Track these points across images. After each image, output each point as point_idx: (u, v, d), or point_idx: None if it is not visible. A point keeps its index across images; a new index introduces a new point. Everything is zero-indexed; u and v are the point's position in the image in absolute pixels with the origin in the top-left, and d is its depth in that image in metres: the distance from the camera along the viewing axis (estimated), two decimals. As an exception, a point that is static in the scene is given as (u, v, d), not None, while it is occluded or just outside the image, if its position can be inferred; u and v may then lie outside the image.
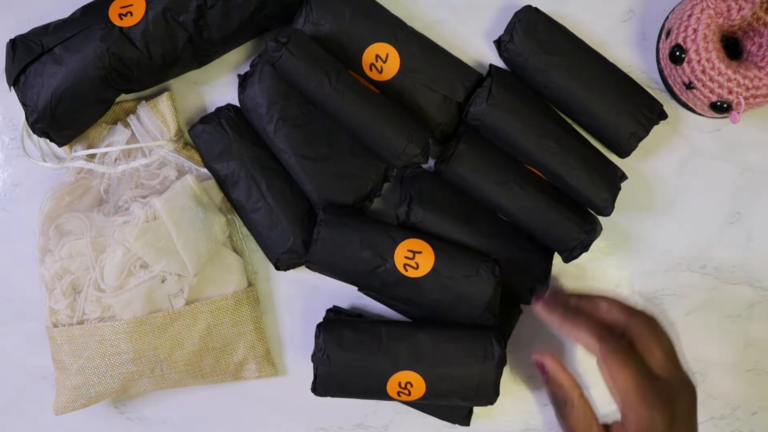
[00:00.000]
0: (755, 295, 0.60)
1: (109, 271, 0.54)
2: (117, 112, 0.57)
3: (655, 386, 0.44)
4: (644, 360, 0.45)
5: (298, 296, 0.59)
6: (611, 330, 0.46)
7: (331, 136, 0.55)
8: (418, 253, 0.53)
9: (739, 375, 0.60)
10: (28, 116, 0.52)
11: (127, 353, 0.54)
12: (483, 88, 0.54)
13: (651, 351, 0.45)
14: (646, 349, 0.45)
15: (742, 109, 0.52)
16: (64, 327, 0.55)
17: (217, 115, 0.56)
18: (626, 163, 0.57)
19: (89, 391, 0.55)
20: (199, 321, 0.56)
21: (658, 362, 0.45)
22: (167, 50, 0.52)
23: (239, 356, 0.57)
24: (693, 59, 0.53)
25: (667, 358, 0.45)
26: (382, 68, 0.54)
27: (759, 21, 0.53)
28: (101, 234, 0.55)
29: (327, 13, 0.53)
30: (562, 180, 0.55)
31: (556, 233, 0.55)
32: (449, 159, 0.55)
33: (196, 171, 0.56)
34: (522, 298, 0.56)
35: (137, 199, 0.56)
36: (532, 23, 0.55)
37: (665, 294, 0.60)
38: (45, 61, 0.51)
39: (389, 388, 0.54)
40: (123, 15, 0.51)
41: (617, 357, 0.44)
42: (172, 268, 0.54)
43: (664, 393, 0.44)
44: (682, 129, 0.59)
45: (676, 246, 0.60)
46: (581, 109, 0.55)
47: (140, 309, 0.54)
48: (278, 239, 0.55)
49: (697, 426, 0.46)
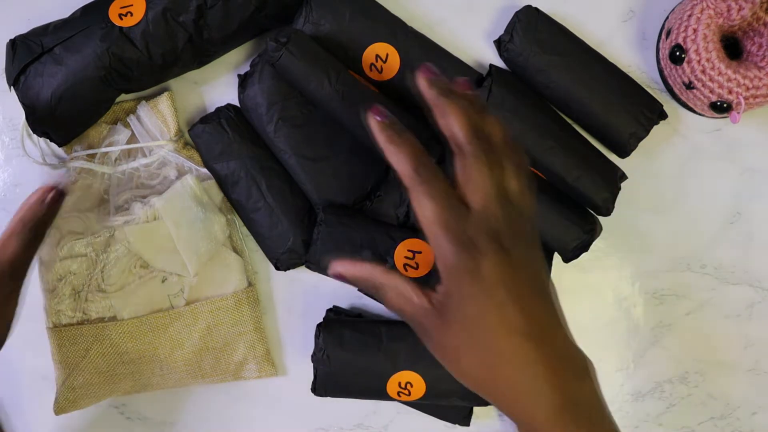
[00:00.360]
0: (755, 295, 0.60)
1: (109, 271, 0.54)
2: (117, 112, 0.57)
3: (463, 221, 0.38)
4: (459, 190, 0.39)
5: (298, 296, 0.59)
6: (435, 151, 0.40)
7: (331, 136, 0.55)
8: (418, 253, 0.53)
9: (739, 375, 0.60)
10: (28, 116, 0.52)
11: (127, 353, 0.54)
12: (483, 88, 0.54)
13: (472, 181, 0.39)
14: (469, 178, 0.39)
15: (742, 109, 0.52)
16: (64, 327, 0.55)
17: (217, 115, 0.56)
18: (626, 163, 0.57)
19: (89, 391, 0.56)
20: (199, 321, 0.56)
21: (476, 196, 0.39)
22: (167, 50, 0.52)
23: (239, 356, 0.57)
24: (693, 59, 0.53)
25: (492, 193, 0.38)
26: (382, 68, 0.54)
27: (759, 21, 0.53)
28: (102, 234, 0.55)
29: (327, 13, 0.53)
30: (562, 180, 0.55)
31: (556, 233, 0.55)
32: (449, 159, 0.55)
33: (196, 171, 0.56)
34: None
35: (137, 199, 0.56)
36: (532, 23, 0.55)
37: (665, 294, 0.60)
38: (45, 61, 0.51)
39: (389, 388, 0.54)
40: (123, 15, 0.51)
41: (424, 187, 0.38)
42: (172, 268, 0.54)
43: (472, 229, 0.38)
44: (682, 129, 0.59)
45: (676, 246, 0.60)
46: (581, 109, 0.55)
47: (140, 309, 0.54)
48: (278, 239, 0.55)
49: (538, 265, 0.39)
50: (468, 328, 0.38)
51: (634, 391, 0.60)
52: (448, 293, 0.39)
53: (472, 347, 0.38)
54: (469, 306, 0.38)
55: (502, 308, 0.37)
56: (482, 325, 0.38)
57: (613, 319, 0.60)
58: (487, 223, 0.38)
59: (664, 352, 0.60)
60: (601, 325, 0.60)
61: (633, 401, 0.60)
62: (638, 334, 0.60)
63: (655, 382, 0.60)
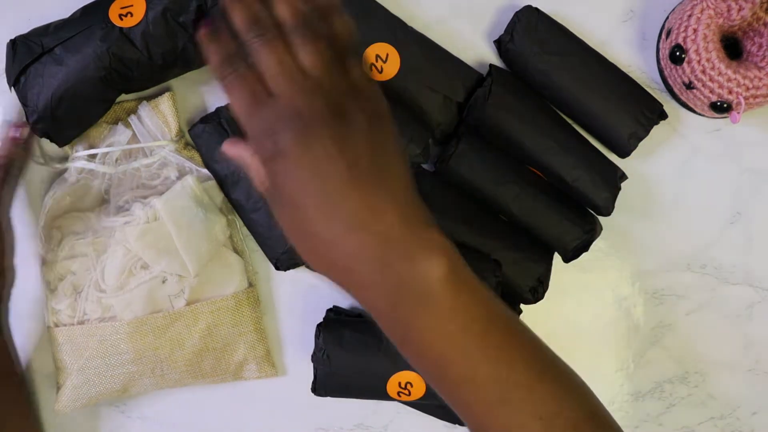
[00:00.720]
0: (755, 295, 0.60)
1: (109, 271, 0.54)
2: (118, 112, 0.57)
3: (262, 108, 0.37)
4: (263, 81, 0.37)
5: (298, 296, 0.59)
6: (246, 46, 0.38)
7: (331, 136, 0.55)
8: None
9: (739, 375, 0.60)
10: (28, 116, 0.52)
11: (128, 353, 0.54)
12: (483, 88, 0.54)
13: (264, 68, 0.37)
14: (261, 68, 0.38)
15: (742, 109, 0.52)
16: (64, 327, 0.55)
17: (217, 115, 0.56)
18: (626, 163, 0.57)
19: (89, 391, 0.56)
20: (199, 321, 0.56)
21: (271, 82, 0.37)
22: (167, 50, 0.52)
23: (239, 356, 0.57)
24: (693, 59, 0.53)
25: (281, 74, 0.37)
26: (382, 68, 0.54)
27: (759, 21, 0.53)
28: (102, 234, 0.55)
29: (327, 14, 0.54)
30: (562, 180, 0.55)
31: (556, 233, 0.55)
32: (449, 159, 0.55)
33: (197, 171, 0.56)
34: (522, 298, 0.56)
35: (138, 199, 0.56)
36: (532, 23, 0.55)
37: (665, 294, 0.60)
38: (45, 61, 0.51)
39: (389, 388, 0.54)
40: (123, 15, 0.51)
41: (228, 80, 0.38)
42: (173, 268, 0.54)
43: (271, 114, 0.37)
44: (682, 129, 0.59)
45: (676, 246, 0.60)
46: (581, 109, 0.55)
47: (141, 309, 0.54)
48: (278, 239, 0.55)
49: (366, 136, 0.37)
50: (292, 213, 0.38)
51: (634, 391, 0.60)
52: (269, 181, 0.38)
53: (298, 230, 0.38)
54: (284, 192, 0.37)
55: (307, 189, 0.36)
56: (301, 207, 0.37)
57: (613, 319, 0.60)
58: (283, 107, 0.37)
59: (664, 352, 0.60)
60: (601, 325, 0.60)
61: (633, 401, 0.60)
62: (638, 334, 0.60)
63: (655, 382, 0.60)
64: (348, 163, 0.36)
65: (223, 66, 0.38)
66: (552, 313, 0.58)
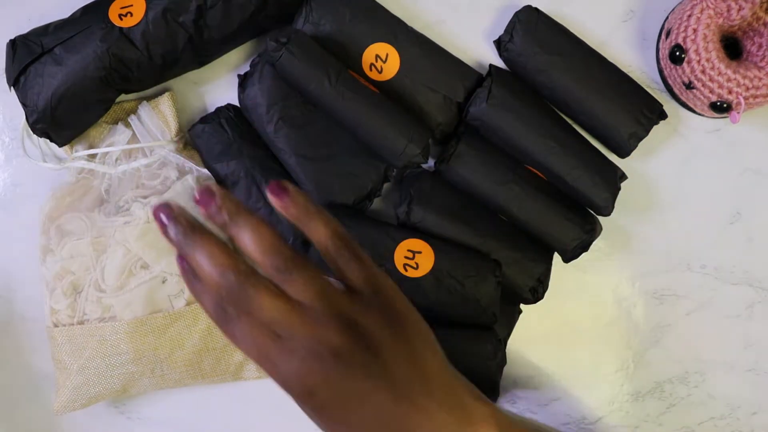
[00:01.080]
0: (755, 295, 0.60)
1: (109, 271, 0.54)
2: (118, 112, 0.57)
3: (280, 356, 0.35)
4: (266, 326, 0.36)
5: (298, 296, 0.59)
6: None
7: (331, 136, 0.55)
8: (418, 253, 0.53)
9: (739, 375, 0.60)
10: (28, 116, 0.52)
11: (128, 353, 0.54)
12: (483, 88, 0.54)
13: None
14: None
15: (742, 109, 0.52)
16: (64, 327, 0.55)
17: (217, 115, 0.56)
18: (626, 163, 0.57)
19: (89, 391, 0.56)
20: (199, 321, 0.56)
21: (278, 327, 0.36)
22: (167, 50, 0.52)
23: (239, 356, 0.57)
24: (693, 59, 0.53)
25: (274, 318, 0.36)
26: (382, 68, 0.54)
27: (759, 21, 0.53)
28: (102, 234, 0.55)
29: (327, 13, 0.54)
30: (562, 180, 0.55)
31: (556, 233, 0.55)
32: (449, 159, 0.55)
33: (197, 171, 0.56)
34: (522, 298, 0.56)
35: (138, 199, 0.56)
36: (532, 23, 0.55)
37: (665, 294, 0.60)
38: (45, 61, 0.51)
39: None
40: (123, 15, 0.51)
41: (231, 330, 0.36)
42: (173, 268, 0.54)
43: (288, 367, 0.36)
44: (682, 129, 0.59)
45: (676, 246, 0.60)
46: (581, 109, 0.55)
47: (141, 309, 0.54)
48: (278, 239, 0.55)
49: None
50: None
51: (634, 391, 0.60)
52: (311, 417, 0.37)
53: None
54: (330, 425, 0.37)
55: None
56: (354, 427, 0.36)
57: (613, 319, 0.60)
58: (296, 350, 0.35)
59: (664, 352, 0.60)
60: (601, 325, 0.60)
61: (633, 401, 0.60)
62: (638, 334, 0.60)
63: (655, 382, 0.60)
64: (387, 384, 0.36)
65: (217, 313, 0.36)
66: (552, 313, 0.59)
